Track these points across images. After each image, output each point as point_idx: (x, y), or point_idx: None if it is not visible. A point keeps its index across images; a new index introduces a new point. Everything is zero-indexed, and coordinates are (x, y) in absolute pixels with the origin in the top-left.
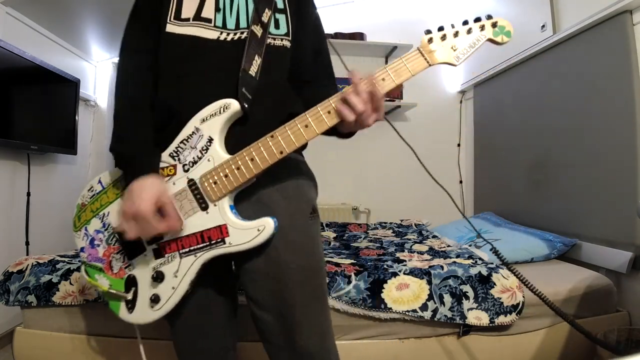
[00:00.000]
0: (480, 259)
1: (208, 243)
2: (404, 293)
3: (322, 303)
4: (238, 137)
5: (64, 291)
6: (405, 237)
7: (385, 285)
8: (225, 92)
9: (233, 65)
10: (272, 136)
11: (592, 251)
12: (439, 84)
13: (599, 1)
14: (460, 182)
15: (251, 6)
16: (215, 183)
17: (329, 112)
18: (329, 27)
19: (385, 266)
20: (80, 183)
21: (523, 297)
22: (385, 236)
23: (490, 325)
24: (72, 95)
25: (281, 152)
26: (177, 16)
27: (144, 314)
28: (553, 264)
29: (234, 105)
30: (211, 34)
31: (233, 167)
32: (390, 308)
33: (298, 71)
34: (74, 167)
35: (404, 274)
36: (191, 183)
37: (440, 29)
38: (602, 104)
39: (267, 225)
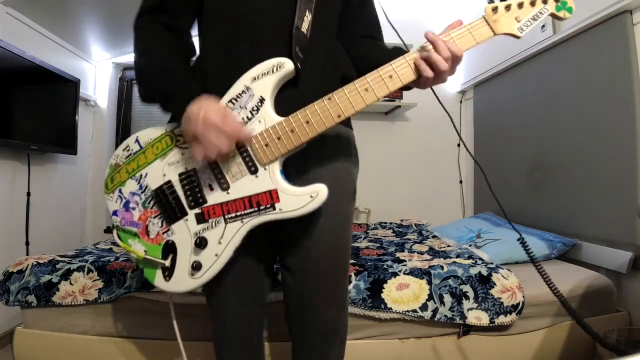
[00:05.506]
0: (480, 259)
1: (257, 208)
2: (404, 293)
3: (343, 277)
4: (286, 98)
5: (64, 291)
6: (405, 237)
7: (385, 285)
8: (278, 50)
9: (284, 19)
10: (329, 98)
11: (592, 251)
12: (438, 84)
13: (599, 1)
14: (460, 182)
15: None
16: (267, 145)
17: (390, 77)
18: None
19: (385, 266)
20: (80, 183)
21: (523, 297)
22: (385, 236)
23: (490, 325)
24: (72, 95)
25: (339, 116)
26: None
27: (182, 282)
28: (553, 264)
29: (287, 64)
30: None
31: (287, 129)
32: (390, 308)
33: (345, 20)
34: (74, 167)
35: (404, 274)
36: (240, 145)
37: None
38: (602, 103)
39: (320, 192)
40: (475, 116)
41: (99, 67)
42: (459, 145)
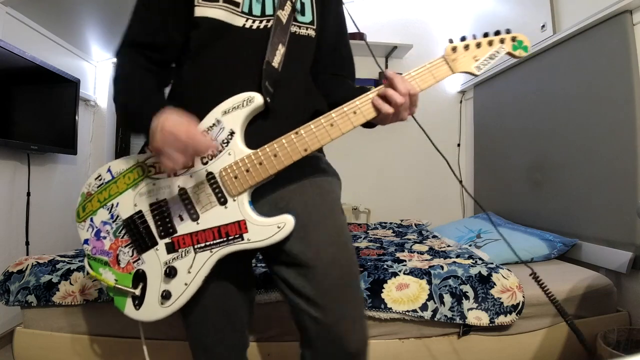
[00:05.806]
0: (480, 259)
1: (225, 239)
2: (404, 293)
3: (357, 289)
4: (257, 130)
5: (64, 291)
6: (405, 237)
7: (385, 285)
8: (249, 85)
9: (258, 55)
10: (296, 133)
11: (592, 251)
12: (438, 84)
13: (599, 1)
14: (460, 182)
15: None
16: (235, 177)
17: (354, 113)
18: None
19: (385, 266)
20: (80, 183)
21: (523, 297)
22: (385, 236)
23: (490, 325)
24: (72, 95)
25: (305, 150)
26: None
27: (152, 311)
28: (553, 264)
29: (257, 99)
30: (238, 21)
31: (255, 162)
32: (390, 308)
33: (318, 59)
34: (74, 167)
35: (404, 274)
36: (210, 176)
37: (463, 39)
38: (601, 103)
39: (287, 223)
40: (475, 116)
41: (99, 67)
42: (459, 145)
